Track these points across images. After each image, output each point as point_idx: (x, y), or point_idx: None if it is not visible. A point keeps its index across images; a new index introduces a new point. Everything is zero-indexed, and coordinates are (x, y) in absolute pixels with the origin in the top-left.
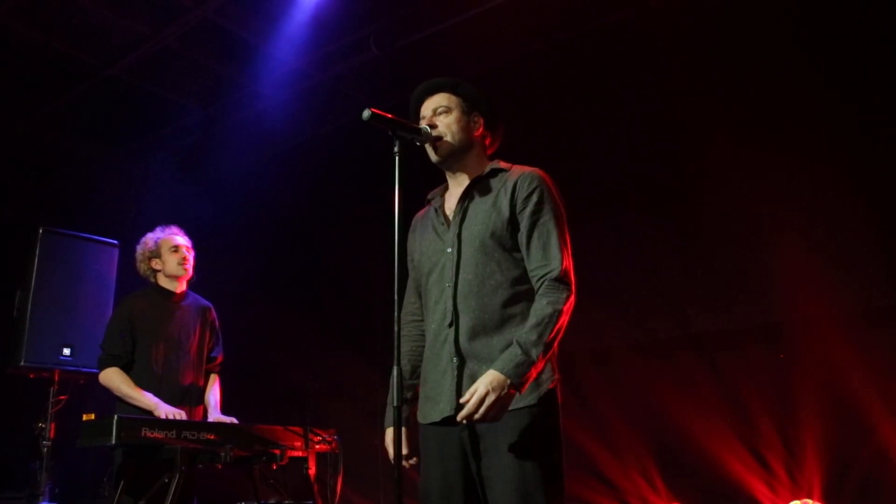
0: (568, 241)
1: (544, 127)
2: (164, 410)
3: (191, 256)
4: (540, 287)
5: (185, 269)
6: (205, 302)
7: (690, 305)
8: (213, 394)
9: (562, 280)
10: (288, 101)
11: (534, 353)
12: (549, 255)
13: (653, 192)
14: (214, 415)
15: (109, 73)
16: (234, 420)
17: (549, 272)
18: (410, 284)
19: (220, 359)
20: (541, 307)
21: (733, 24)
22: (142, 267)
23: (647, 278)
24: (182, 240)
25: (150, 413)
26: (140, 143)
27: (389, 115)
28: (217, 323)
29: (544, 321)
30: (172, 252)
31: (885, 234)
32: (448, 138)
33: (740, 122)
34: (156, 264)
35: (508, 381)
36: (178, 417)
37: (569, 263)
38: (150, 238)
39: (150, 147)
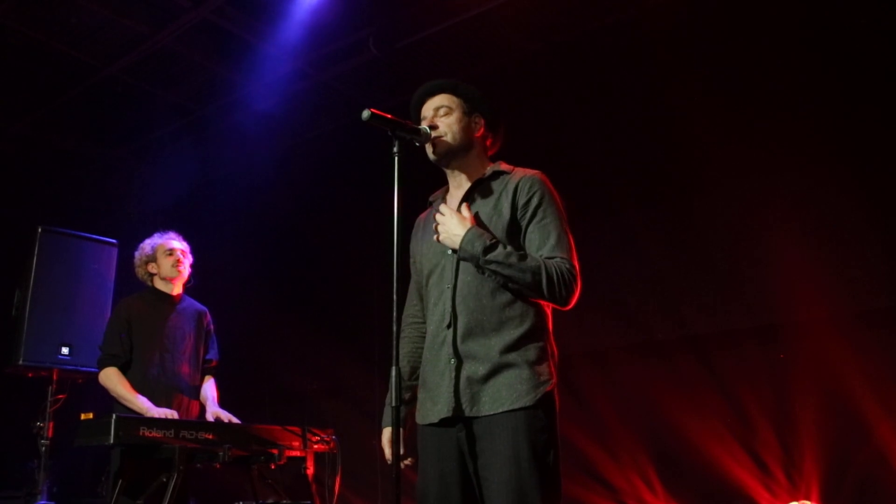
0: (572, 242)
1: (541, 128)
2: (156, 413)
3: (186, 260)
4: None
5: (179, 271)
6: (200, 306)
7: (687, 306)
8: (210, 389)
9: (571, 273)
10: (286, 102)
11: (491, 255)
12: (559, 249)
13: (650, 193)
14: (212, 409)
15: (108, 72)
16: (232, 416)
17: (559, 260)
18: (412, 287)
19: (214, 362)
20: (544, 261)
21: (731, 24)
22: (139, 272)
23: (644, 279)
24: (177, 244)
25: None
26: (138, 142)
27: (389, 116)
28: (212, 327)
29: (532, 266)
30: (167, 255)
31: (884, 236)
32: (448, 138)
33: (738, 122)
34: (152, 268)
35: (465, 234)
36: (170, 417)
37: (576, 263)
38: (146, 244)
39: (149, 147)
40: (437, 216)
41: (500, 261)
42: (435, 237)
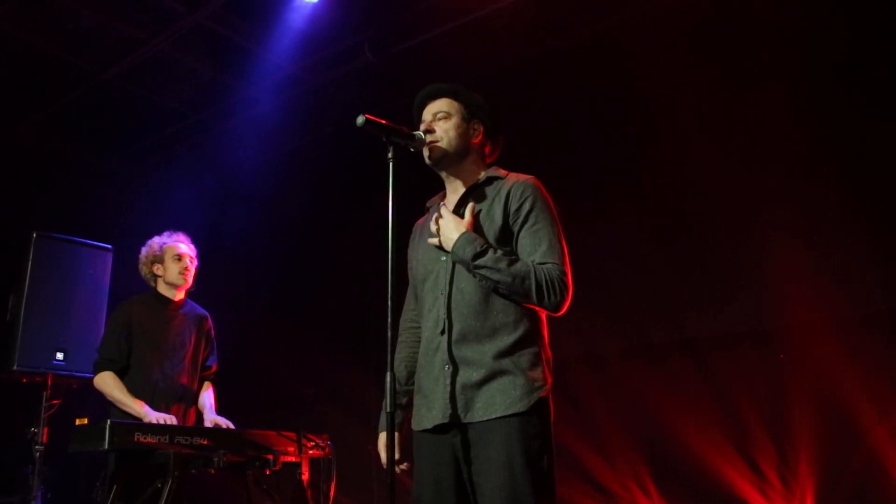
0: (565, 248)
1: (536, 132)
2: (154, 417)
3: (192, 267)
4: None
5: (185, 279)
6: (201, 311)
7: (684, 310)
8: (208, 397)
9: (561, 279)
10: (282, 107)
11: (480, 260)
12: (550, 255)
13: (646, 196)
14: (210, 416)
15: (104, 77)
16: (229, 422)
17: (550, 265)
18: (410, 291)
19: (214, 368)
20: (534, 266)
21: (730, 28)
22: (143, 270)
23: (640, 283)
24: (186, 249)
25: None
26: (134, 147)
27: (383, 121)
28: (213, 332)
29: (521, 272)
30: (175, 260)
31: (880, 239)
32: (443, 143)
33: (736, 125)
34: (157, 269)
35: (458, 238)
36: (167, 422)
37: (568, 269)
38: (156, 242)
39: (145, 152)
40: (438, 218)
41: (489, 266)
42: (433, 239)
